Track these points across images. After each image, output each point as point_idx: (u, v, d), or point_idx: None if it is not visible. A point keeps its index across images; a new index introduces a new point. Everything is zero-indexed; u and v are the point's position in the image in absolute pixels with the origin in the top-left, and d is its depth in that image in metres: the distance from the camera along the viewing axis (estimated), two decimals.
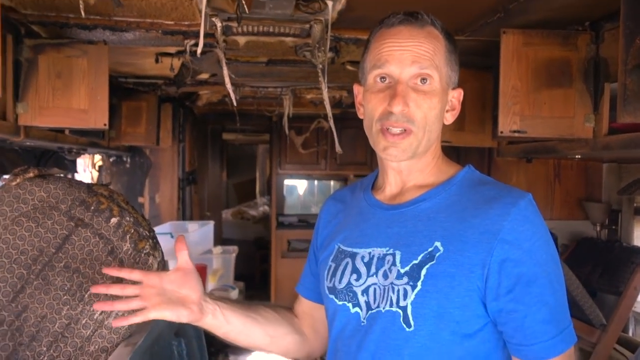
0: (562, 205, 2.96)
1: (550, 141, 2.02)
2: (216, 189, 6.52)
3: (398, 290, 0.89)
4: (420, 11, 0.95)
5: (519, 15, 1.69)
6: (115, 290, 0.97)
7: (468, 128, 2.37)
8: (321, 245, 1.10)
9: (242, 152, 8.52)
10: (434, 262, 0.88)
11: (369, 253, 0.95)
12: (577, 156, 2.49)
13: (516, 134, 1.79)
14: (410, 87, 0.92)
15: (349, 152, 4.63)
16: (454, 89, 0.98)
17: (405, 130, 0.92)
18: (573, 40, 1.77)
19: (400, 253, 0.91)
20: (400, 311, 0.88)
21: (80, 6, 1.37)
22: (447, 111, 0.98)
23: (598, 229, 2.90)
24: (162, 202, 4.10)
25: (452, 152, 3.34)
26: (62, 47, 1.93)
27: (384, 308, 0.90)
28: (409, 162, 0.97)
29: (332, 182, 5.77)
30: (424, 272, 0.88)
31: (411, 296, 0.87)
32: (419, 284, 0.87)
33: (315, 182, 5.99)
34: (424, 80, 0.92)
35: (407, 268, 0.89)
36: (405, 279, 0.89)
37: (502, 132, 1.79)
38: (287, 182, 5.64)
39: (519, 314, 0.85)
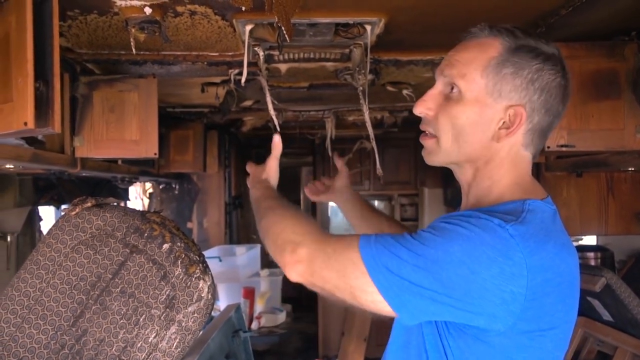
0: (617, 219, 2.84)
1: (600, 154, 1.96)
2: None
3: None
4: (483, 24, 0.93)
5: (561, 29, 1.66)
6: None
7: None
8: None
9: (286, 175, 8.53)
10: None
11: None
12: (630, 168, 2.40)
13: (564, 149, 1.75)
14: (444, 94, 0.94)
15: (393, 172, 4.61)
16: (511, 106, 0.89)
17: (427, 132, 0.97)
18: (619, 51, 1.72)
19: None
20: None
21: (132, 44, 1.45)
22: (500, 128, 0.90)
23: None
24: (210, 227, 4.20)
25: None
26: (115, 83, 2.04)
27: None
28: (457, 172, 0.98)
29: (376, 202, 5.73)
30: None
31: None
32: None
33: None
34: (452, 88, 0.93)
35: None
36: None
37: (549, 147, 1.75)
38: (332, 203, 5.64)
39: None
